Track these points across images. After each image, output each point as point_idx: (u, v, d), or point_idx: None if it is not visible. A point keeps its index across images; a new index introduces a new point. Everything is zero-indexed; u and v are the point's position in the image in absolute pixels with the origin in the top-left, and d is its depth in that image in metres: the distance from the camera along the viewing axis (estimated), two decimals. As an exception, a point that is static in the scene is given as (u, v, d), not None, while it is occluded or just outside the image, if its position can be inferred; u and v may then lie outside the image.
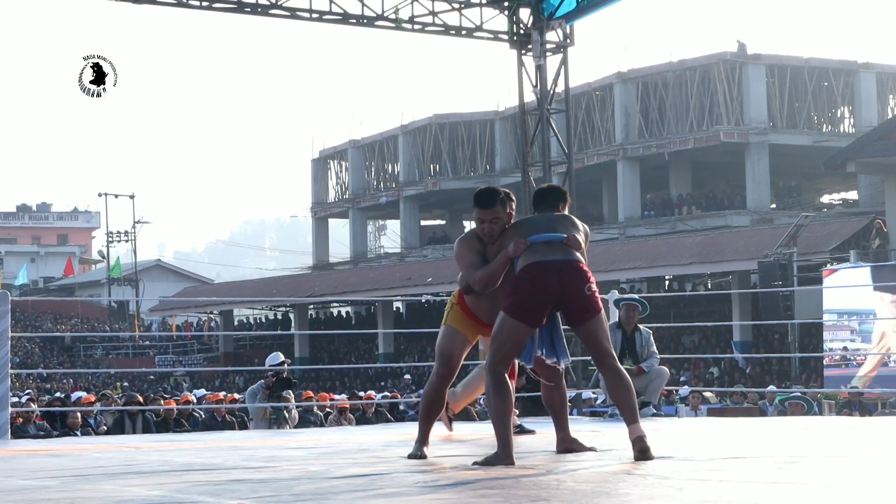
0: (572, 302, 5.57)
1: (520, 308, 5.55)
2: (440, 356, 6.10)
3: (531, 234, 5.66)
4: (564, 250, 5.60)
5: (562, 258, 5.58)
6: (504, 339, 5.61)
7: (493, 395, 5.61)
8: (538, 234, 5.65)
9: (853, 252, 26.86)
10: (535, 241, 5.61)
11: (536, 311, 5.56)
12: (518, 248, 5.59)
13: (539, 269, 5.53)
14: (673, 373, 16.44)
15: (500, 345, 5.62)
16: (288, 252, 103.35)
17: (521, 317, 5.55)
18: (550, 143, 16.72)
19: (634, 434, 5.54)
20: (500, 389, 5.61)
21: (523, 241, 5.60)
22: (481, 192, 5.83)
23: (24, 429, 11.95)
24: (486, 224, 5.76)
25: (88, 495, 4.59)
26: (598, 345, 5.65)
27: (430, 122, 48.74)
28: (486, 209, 5.74)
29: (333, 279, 44.17)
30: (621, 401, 5.64)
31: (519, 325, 5.56)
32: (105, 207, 58.38)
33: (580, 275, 5.58)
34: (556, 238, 5.63)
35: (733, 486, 4.35)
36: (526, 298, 5.54)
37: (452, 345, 6.08)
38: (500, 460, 5.47)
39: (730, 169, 41.69)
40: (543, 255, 5.57)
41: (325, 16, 15.87)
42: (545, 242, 5.61)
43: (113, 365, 49.09)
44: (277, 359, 13.02)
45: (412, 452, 6.08)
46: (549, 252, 5.58)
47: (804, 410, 13.77)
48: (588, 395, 14.37)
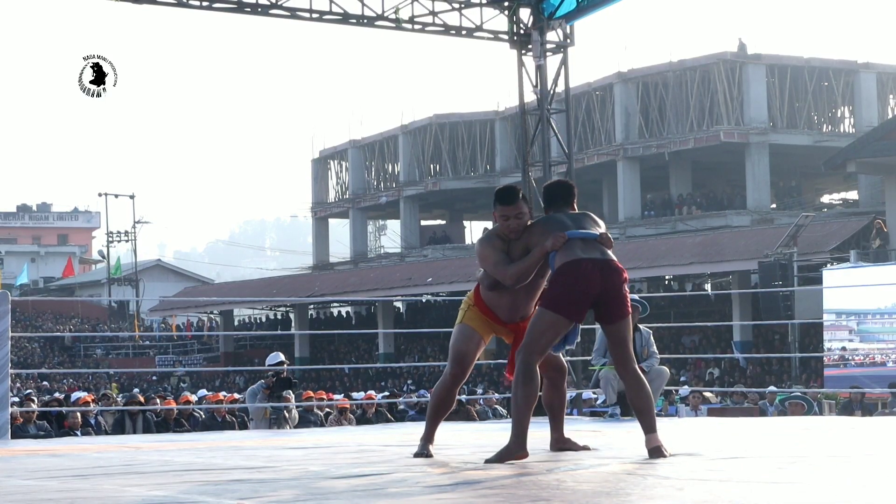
0: (610, 300, 5.60)
1: (562, 302, 5.57)
2: (455, 356, 6.06)
3: (564, 231, 5.67)
4: (601, 249, 5.65)
5: (601, 256, 5.62)
6: (542, 332, 5.61)
7: (521, 385, 5.61)
8: (573, 231, 5.66)
9: (853, 252, 26.85)
10: (573, 237, 5.62)
11: (578, 306, 5.58)
12: (557, 242, 5.59)
13: (582, 266, 5.55)
14: (673, 373, 16.45)
15: (538, 336, 5.62)
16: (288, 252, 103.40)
17: (564, 311, 5.57)
18: (550, 143, 16.72)
19: (652, 444, 5.57)
20: (528, 380, 5.61)
21: (562, 235, 5.61)
22: (504, 190, 5.86)
23: (24, 429, 11.94)
24: (512, 220, 5.76)
25: (88, 495, 4.59)
26: (625, 347, 5.69)
27: (431, 122, 48.74)
28: (511, 205, 5.75)
29: (333, 279, 44.17)
30: (641, 408, 5.67)
31: (560, 319, 5.58)
32: (105, 207, 58.42)
33: (619, 274, 5.64)
34: (591, 236, 5.67)
35: (733, 486, 4.35)
36: (569, 293, 5.56)
37: (468, 345, 6.04)
38: (513, 452, 5.49)
39: (730, 169, 41.68)
40: (584, 252, 5.59)
41: (325, 16, 15.87)
42: (581, 239, 5.64)
43: (113, 365, 49.09)
44: (276, 359, 13.03)
45: (417, 451, 6.08)
46: (587, 249, 5.61)
47: (804, 410, 13.77)
48: (588, 395, 14.36)
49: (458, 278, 33.96)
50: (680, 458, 5.50)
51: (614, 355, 5.76)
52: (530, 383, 5.61)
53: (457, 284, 34.47)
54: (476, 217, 53.41)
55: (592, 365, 11.26)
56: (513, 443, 5.54)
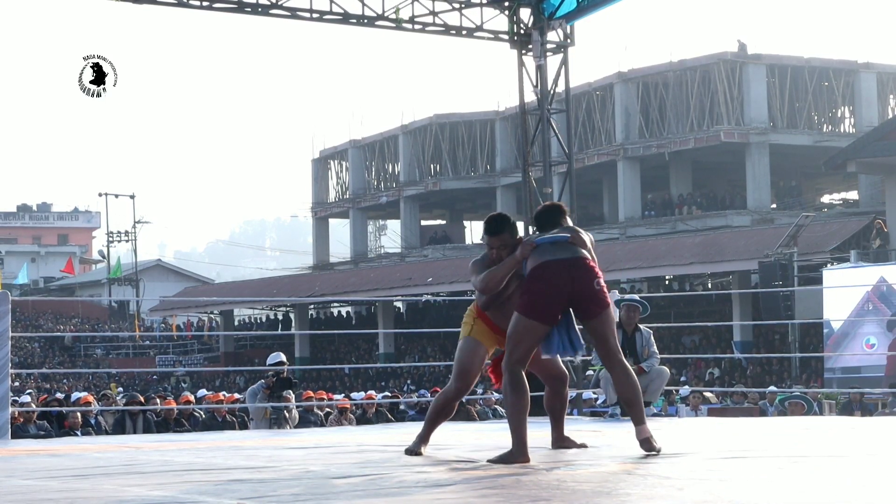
0: (582, 297, 5.68)
1: (533, 307, 5.66)
2: (459, 371, 6.24)
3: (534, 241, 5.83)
4: (571, 249, 5.74)
5: (569, 256, 5.70)
6: (520, 339, 5.70)
7: (511, 393, 5.71)
8: (542, 237, 5.81)
9: (853, 252, 26.86)
10: (541, 242, 5.76)
11: (550, 308, 5.66)
12: (525, 250, 5.75)
13: (549, 268, 5.65)
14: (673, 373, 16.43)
15: (517, 344, 5.71)
16: (288, 252, 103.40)
17: (536, 315, 5.66)
18: (551, 143, 16.70)
19: (642, 435, 5.70)
20: (517, 388, 5.70)
21: (530, 243, 5.76)
22: (492, 220, 6.03)
23: (24, 429, 11.94)
24: (495, 250, 5.94)
25: (88, 495, 4.59)
26: (606, 342, 5.78)
27: (431, 122, 48.74)
28: (494, 236, 5.94)
29: (334, 279, 44.17)
30: (630, 400, 5.79)
31: (534, 324, 5.67)
32: (105, 207, 58.45)
33: (588, 271, 5.70)
34: (562, 238, 5.77)
35: (733, 486, 4.35)
36: (538, 297, 5.65)
37: (473, 359, 6.22)
38: (516, 457, 5.56)
39: (730, 169, 41.69)
40: (552, 255, 5.70)
41: (325, 16, 15.85)
42: (551, 243, 5.76)
43: (113, 365, 49.09)
44: (277, 358, 13.04)
45: (410, 447, 6.28)
46: (557, 251, 5.72)
47: (804, 410, 13.76)
48: (588, 395, 14.37)
49: (458, 278, 33.96)
50: (680, 458, 5.51)
51: (599, 351, 5.87)
52: (519, 391, 5.71)
53: (457, 284, 34.49)
54: (476, 217, 53.40)
55: (592, 365, 11.27)
56: (515, 449, 5.62)
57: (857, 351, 24.00)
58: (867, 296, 23.73)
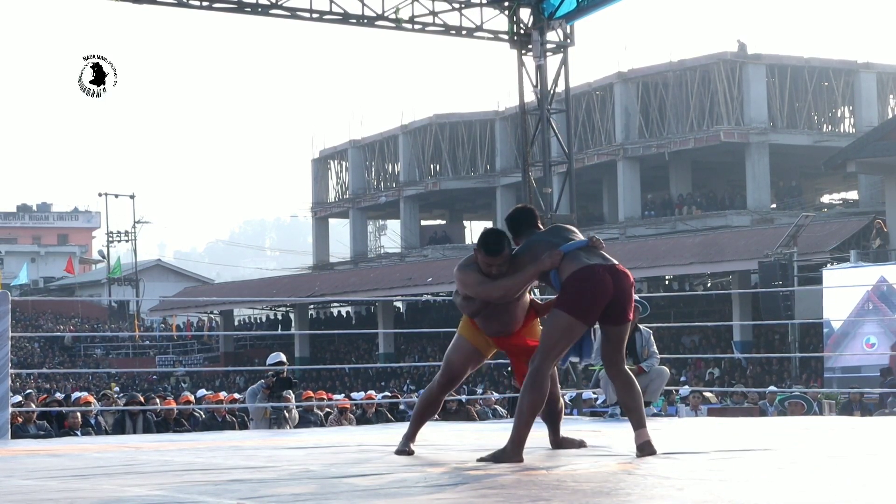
0: (619, 303, 5.65)
1: (580, 306, 5.58)
2: (445, 365, 6.23)
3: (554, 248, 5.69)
4: (601, 255, 5.69)
5: (606, 262, 5.67)
6: (560, 337, 5.63)
7: (529, 391, 5.63)
8: (566, 245, 5.69)
9: (853, 252, 26.85)
10: (568, 250, 5.66)
11: (594, 310, 5.62)
12: (555, 259, 5.62)
13: (596, 272, 5.59)
14: (673, 373, 16.44)
15: (556, 342, 5.64)
16: (288, 252, 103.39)
17: (581, 315, 5.59)
18: (550, 143, 16.71)
19: (641, 439, 5.68)
20: (539, 387, 5.62)
21: (558, 252, 5.64)
22: (488, 239, 5.76)
23: (24, 429, 11.94)
24: (494, 268, 5.75)
25: (88, 495, 4.59)
26: (621, 350, 5.81)
27: (431, 122, 48.73)
28: (494, 256, 5.72)
29: (333, 279, 44.16)
30: (631, 405, 5.77)
31: (577, 324, 5.60)
32: (105, 207, 58.46)
33: (627, 277, 5.70)
34: (583, 243, 5.71)
35: (733, 486, 4.35)
36: (586, 297, 5.58)
37: (457, 355, 6.18)
38: (509, 456, 5.52)
39: (730, 169, 41.69)
40: (589, 259, 5.63)
41: (325, 16, 15.86)
42: (578, 249, 5.68)
43: (113, 365, 49.09)
44: (277, 358, 13.04)
45: (399, 448, 6.26)
46: (591, 256, 5.66)
47: (804, 410, 13.77)
48: (588, 395, 14.37)
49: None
50: (680, 458, 5.51)
51: (608, 355, 5.82)
52: (539, 391, 5.62)
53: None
54: (476, 217, 53.41)
55: (592, 365, 11.27)
56: (510, 448, 5.57)
57: (857, 351, 23.99)
58: (867, 296, 23.74)
